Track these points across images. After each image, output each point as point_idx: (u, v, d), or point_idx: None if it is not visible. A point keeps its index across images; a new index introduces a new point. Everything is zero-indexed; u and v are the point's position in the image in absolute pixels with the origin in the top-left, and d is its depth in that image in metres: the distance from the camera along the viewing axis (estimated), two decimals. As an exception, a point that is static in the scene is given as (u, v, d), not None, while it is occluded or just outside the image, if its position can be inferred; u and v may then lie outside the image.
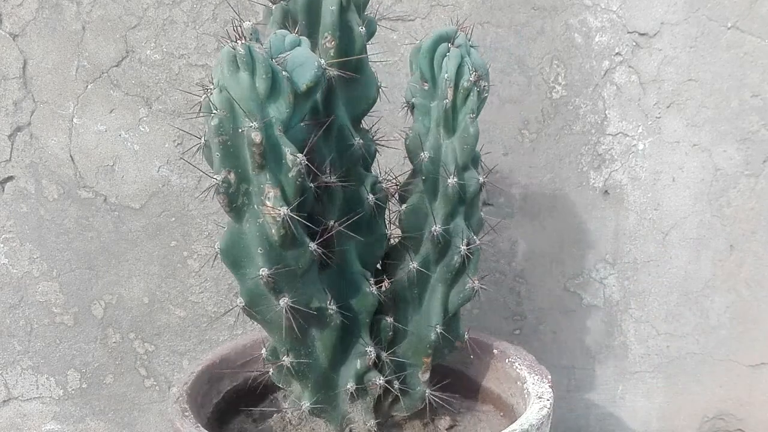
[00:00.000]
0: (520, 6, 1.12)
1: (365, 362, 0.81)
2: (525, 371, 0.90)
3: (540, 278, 1.23)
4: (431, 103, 0.80)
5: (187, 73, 1.10)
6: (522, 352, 0.94)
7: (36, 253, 1.15)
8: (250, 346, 0.95)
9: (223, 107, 0.67)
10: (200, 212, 1.15)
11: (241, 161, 0.69)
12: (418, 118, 0.81)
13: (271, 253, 0.71)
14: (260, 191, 0.69)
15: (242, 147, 0.68)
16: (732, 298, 1.26)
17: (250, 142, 0.67)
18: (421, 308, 0.84)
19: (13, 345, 1.18)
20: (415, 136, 0.81)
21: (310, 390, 0.81)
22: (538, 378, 0.88)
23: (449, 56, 0.77)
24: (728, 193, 1.21)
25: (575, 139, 1.18)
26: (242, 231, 0.72)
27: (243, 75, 0.67)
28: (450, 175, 0.78)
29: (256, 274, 0.71)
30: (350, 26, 0.77)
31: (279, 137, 0.68)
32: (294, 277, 0.73)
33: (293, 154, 0.69)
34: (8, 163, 1.11)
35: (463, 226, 0.81)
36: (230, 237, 0.73)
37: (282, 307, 0.73)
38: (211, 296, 1.19)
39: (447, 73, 0.77)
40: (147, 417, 1.23)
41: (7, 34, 1.07)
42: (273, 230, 0.70)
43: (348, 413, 0.84)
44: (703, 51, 1.16)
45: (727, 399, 1.31)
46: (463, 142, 0.79)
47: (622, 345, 1.27)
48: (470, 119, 0.78)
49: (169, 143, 1.13)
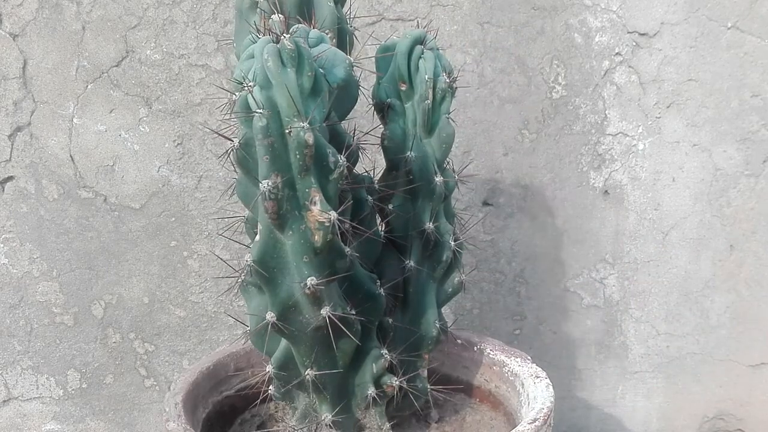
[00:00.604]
0: (520, 6, 1.12)
1: (380, 365, 0.79)
2: (502, 356, 0.91)
3: (540, 278, 1.23)
4: (406, 103, 0.81)
5: (187, 73, 1.10)
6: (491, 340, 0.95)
7: (36, 253, 1.15)
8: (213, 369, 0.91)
9: (268, 106, 0.63)
10: (200, 212, 1.15)
11: (286, 165, 0.65)
12: (393, 119, 0.82)
13: (316, 261, 0.67)
14: (305, 196, 0.65)
15: (287, 149, 0.64)
16: (732, 298, 1.26)
17: (301, 144, 0.63)
18: (414, 306, 0.85)
19: (13, 345, 1.18)
20: (394, 137, 0.81)
21: (329, 401, 0.78)
22: (520, 360, 0.90)
23: (425, 58, 0.78)
24: (728, 193, 1.21)
25: (575, 139, 1.18)
26: (278, 240, 0.67)
27: (290, 72, 0.62)
28: (436, 173, 0.80)
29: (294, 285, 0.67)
30: (342, 26, 0.77)
31: (320, 138, 0.65)
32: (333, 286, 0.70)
33: (335, 156, 0.65)
34: (8, 163, 1.11)
35: (446, 222, 0.84)
36: (264, 247, 0.68)
37: (324, 317, 0.69)
38: (211, 296, 1.19)
39: (428, 74, 0.77)
40: (147, 417, 1.23)
41: (7, 34, 1.07)
42: (318, 236, 0.66)
43: (360, 419, 0.82)
44: (703, 51, 1.16)
45: (727, 399, 1.31)
46: (441, 142, 0.81)
47: (622, 345, 1.27)
48: (446, 119, 0.80)
49: (169, 143, 1.13)
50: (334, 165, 0.66)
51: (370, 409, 0.82)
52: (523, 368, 0.88)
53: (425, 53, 0.78)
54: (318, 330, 0.71)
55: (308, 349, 0.73)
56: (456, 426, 0.89)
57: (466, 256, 1.19)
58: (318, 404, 0.79)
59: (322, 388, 0.77)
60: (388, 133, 0.82)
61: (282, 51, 0.62)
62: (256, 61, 0.64)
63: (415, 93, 0.80)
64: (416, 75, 0.79)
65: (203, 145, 1.13)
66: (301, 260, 0.67)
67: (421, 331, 0.84)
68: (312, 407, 0.81)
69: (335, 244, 0.68)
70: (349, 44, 0.81)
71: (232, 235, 0.88)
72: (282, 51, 0.62)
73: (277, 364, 0.77)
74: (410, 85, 0.80)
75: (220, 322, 1.20)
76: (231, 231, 0.87)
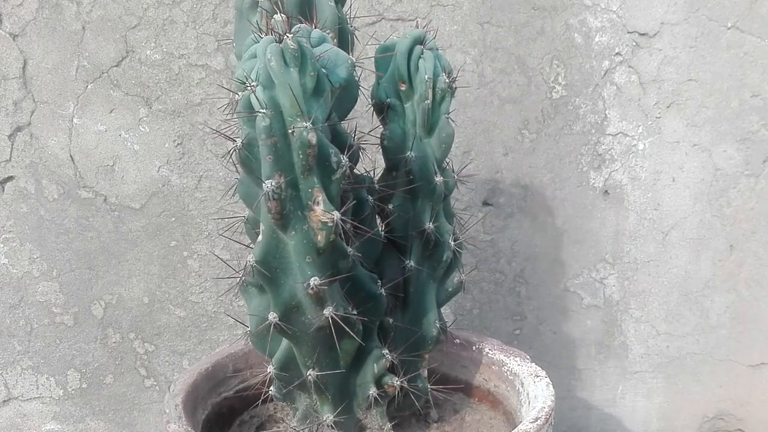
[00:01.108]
0: (520, 6, 1.12)
1: (382, 365, 0.79)
2: (501, 355, 0.91)
3: (540, 278, 1.23)
4: (406, 103, 0.81)
5: (187, 73, 1.10)
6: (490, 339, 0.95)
7: (36, 253, 1.15)
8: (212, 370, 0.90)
9: (271, 106, 0.62)
10: (200, 212, 1.15)
11: (289, 165, 0.64)
12: (393, 119, 0.82)
13: (319, 262, 0.67)
14: (308, 196, 0.65)
15: (290, 149, 0.64)
16: (732, 298, 1.26)
17: (304, 144, 0.62)
18: (414, 306, 0.85)
19: (13, 345, 1.18)
20: (394, 137, 0.82)
21: (331, 402, 0.77)
22: (519, 359, 0.90)
23: (424, 58, 0.78)
24: (728, 193, 1.21)
25: (575, 139, 1.18)
26: (281, 240, 0.67)
27: (293, 71, 0.62)
28: (436, 173, 0.80)
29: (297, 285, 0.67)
30: (343, 26, 0.77)
31: (322, 138, 0.64)
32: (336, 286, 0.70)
33: (337, 155, 0.65)
34: (8, 163, 1.11)
35: (446, 222, 0.84)
36: (267, 247, 0.67)
37: (327, 317, 0.68)
38: (211, 296, 1.19)
39: (428, 75, 0.78)
40: (147, 417, 1.23)
41: (7, 34, 1.07)
42: (320, 236, 0.65)
43: (361, 420, 0.82)
44: (703, 51, 1.16)
45: (727, 399, 1.31)
46: (441, 142, 0.81)
47: (622, 345, 1.27)
48: (446, 119, 0.80)
49: (169, 143, 1.13)
50: (337, 165, 0.65)
51: (371, 409, 0.82)
52: (522, 367, 0.88)
53: (425, 53, 0.78)
54: (320, 330, 0.71)
55: (310, 349, 0.73)
56: (456, 425, 0.90)
57: (466, 256, 1.19)
58: (319, 405, 0.79)
59: (324, 389, 0.76)
60: (387, 133, 0.82)
61: (285, 51, 0.62)
62: (258, 61, 0.63)
63: (414, 93, 0.80)
64: (416, 75, 0.79)
65: (203, 145, 1.13)
66: (304, 260, 0.67)
67: (422, 331, 0.84)
68: (313, 408, 0.80)
69: (338, 244, 0.68)
70: (350, 44, 0.81)
71: (232, 236, 0.88)
72: (285, 51, 0.62)
73: (278, 364, 0.77)
74: (410, 85, 0.80)
75: (220, 322, 1.20)
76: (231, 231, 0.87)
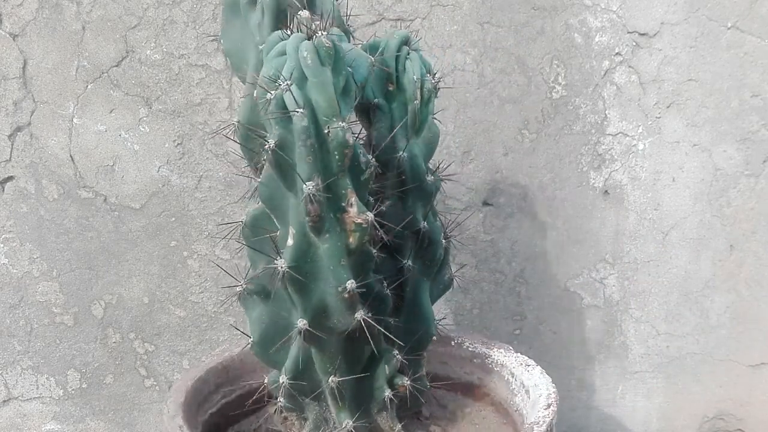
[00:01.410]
0: (520, 6, 1.12)
1: (393, 367, 0.77)
2: (482, 348, 0.92)
3: (540, 278, 1.23)
4: (392, 104, 0.81)
5: (187, 73, 1.10)
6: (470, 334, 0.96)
7: (36, 253, 1.15)
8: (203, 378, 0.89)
9: (305, 105, 0.60)
10: (200, 212, 1.15)
11: (325, 166, 0.62)
12: (380, 119, 0.81)
13: (352, 264, 0.65)
14: (342, 197, 0.63)
15: (323, 149, 0.62)
16: (732, 298, 1.26)
17: (341, 144, 0.61)
18: (412, 305, 0.85)
19: (13, 345, 1.18)
20: (384, 137, 0.81)
21: (348, 408, 0.75)
22: (503, 350, 0.90)
23: (411, 59, 0.78)
24: (728, 193, 1.21)
25: (575, 139, 1.18)
26: (312, 244, 0.65)
27: (327, 71, 0.60)
28: (427, 173, 0.81)
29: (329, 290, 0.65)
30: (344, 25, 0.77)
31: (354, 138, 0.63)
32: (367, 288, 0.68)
33: (365, 156, 0.64)
34: (8, 163, 1.11)
35: (435, 220, 0.85)
36: (298, 252, 0.65)
37: (358, 320, 0.67)
38: (211, 296, 1.19)
39: (416, 75, 0.78)
40: (147, 417, 1.23)
41: (7, 34, 1.07)
42: (353, 238, 0.64)
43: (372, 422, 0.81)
44: (703, 51, 1.16)
45: (727, 399, 1.31)
46: (428, 142, 0.82)
47: (622, 345, 1.27)
48: (432, 119, 0.81)
49: (169, 143, 1.13)
50: (365, 165, 0.64)
51: (381, 411, 0.80)
52: (508, 358, 0.89)
53: (411, 54, 0.79)
54: (349, 334, 0.68)
55: (333, 355, 0.71)
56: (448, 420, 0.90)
57: (467, 256, 1.19)
58: (336, 412, 0.77)
59: (341, 396, 0.74)
60: (377, 134, 0.82)
61: (319, 48, 0.60)
62: (290, 59, 0.61)
63: (402, 93, 0.80)
64: (404, 75, 0.79)
65: (203, 145, 1.13)
66: (339, 264, 0.65)
67: (423, 330, 0.85)
68: (322, 416, 0.78)
69: (367, 246, 0.66)
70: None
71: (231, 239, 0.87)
72: (319, 48, 0.60)
73: (291, 374, 0.74)
74: (397, 86, 0.80)
75: (220, 322, 1.20)
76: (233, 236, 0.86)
